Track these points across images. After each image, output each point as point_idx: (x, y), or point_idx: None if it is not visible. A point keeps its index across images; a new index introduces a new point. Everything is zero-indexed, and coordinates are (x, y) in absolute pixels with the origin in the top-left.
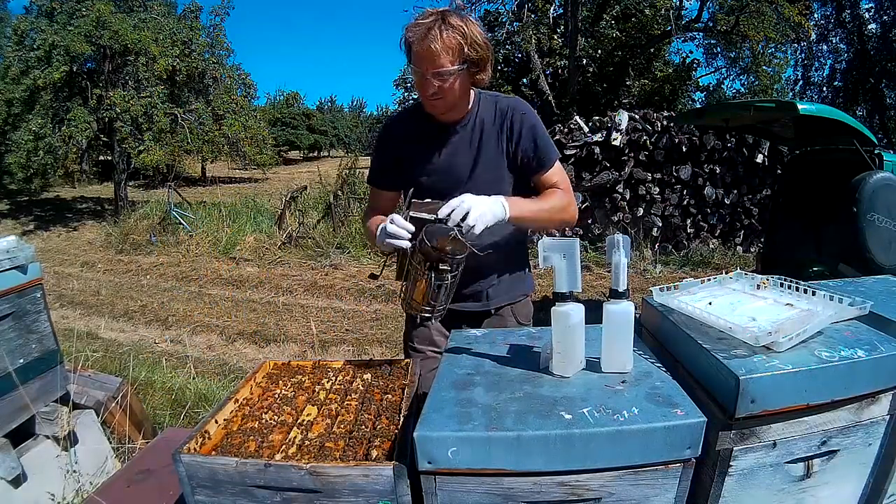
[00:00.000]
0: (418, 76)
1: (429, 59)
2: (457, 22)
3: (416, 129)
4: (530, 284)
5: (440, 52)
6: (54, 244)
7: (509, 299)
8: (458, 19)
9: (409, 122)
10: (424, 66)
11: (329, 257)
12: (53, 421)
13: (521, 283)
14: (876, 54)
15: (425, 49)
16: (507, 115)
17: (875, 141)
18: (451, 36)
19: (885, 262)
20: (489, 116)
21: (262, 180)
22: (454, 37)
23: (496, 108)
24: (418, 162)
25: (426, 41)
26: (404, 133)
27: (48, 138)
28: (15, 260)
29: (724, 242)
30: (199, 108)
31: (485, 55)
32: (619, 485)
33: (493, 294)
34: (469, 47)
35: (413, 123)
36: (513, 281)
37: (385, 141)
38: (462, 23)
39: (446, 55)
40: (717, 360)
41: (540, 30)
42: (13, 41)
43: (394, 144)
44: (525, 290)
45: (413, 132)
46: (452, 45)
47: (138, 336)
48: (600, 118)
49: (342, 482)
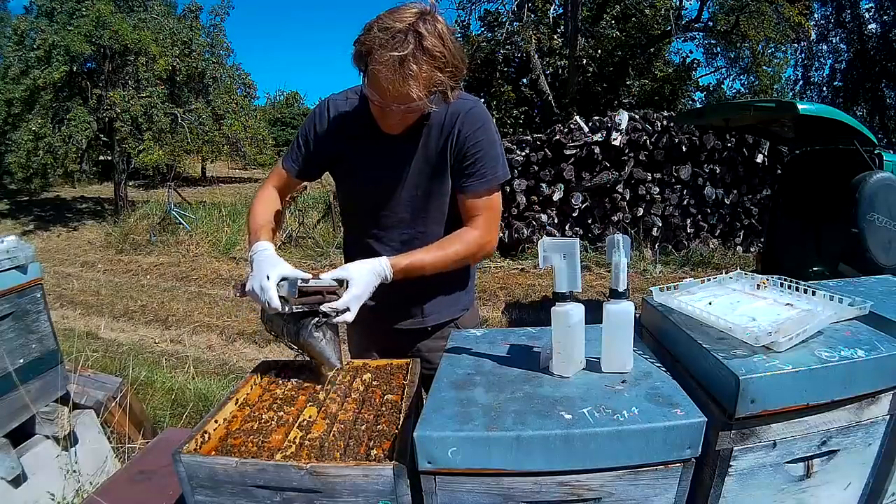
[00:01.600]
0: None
1: (399, 97)
2: (435, 43)
3: (357, 125)
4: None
5: (413, 88)
6: (54, 244)
7: (450, 315)
8: (435, 36)
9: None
10: (389, 100)
11: (329, 257)
12: (53, 421)
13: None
14: (876, 54)
15: (397, 87)
16: (458, 118)
17: (875, 141)
18: (429, 69)
19: (885, 262)
20: (440, 118)
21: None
22: (432, 69)
23: (449, 110)
24: (354, 162)
25: (398, 76)
26: (344, 126)
27: (48, 138)
28: (15, 260)
29: (724, 242)
30: (199, 107)
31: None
32: (619, 485)
33: (428, 311)
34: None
35: (356, 117)
36: (451, 299)
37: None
38: (440, 42)
39: (418, 90)
40: (717, 360)
41: (540, 30)
42: (13, 41)
43: (329, 136)
44: (465, 305)
45: (354, 127)
46: (430, 78)
47: (138, 336)
48: (600, 118)
49: (342, 482)
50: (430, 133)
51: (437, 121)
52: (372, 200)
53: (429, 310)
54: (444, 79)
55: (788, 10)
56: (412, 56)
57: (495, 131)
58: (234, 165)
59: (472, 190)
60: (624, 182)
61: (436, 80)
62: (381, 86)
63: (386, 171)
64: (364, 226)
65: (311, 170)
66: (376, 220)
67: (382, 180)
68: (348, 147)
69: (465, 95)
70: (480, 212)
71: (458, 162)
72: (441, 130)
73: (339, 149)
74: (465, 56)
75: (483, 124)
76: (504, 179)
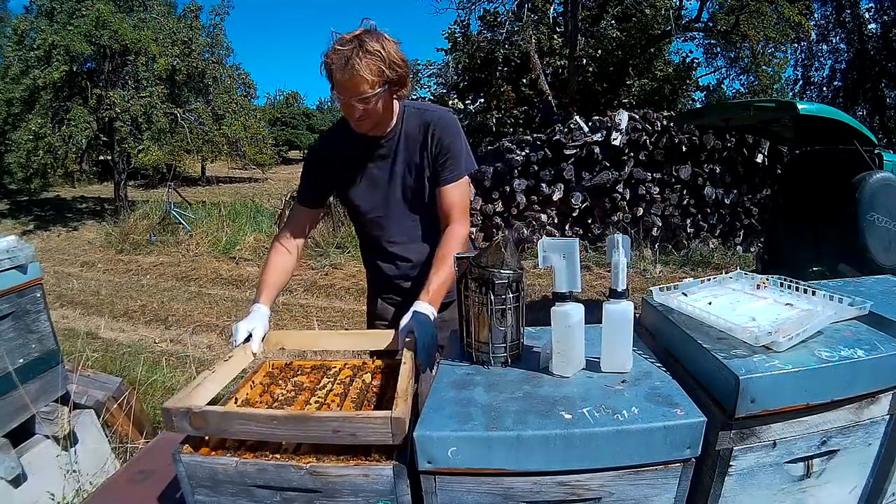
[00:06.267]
0: (343, 102)
1: (352, 87)
2: (374, 46)
3: (344, 144)
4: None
5: (362, 79)
6: (54, 244)
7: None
8: (375, 42)
9: (337, 138)
10: (348, 94)
11: (329, 257)
12: (53, 421)
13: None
14: (876, 54)
15: (347, 79)
16: (430, 127)
17: (875, 141)
18: (370, 62)
19: (885, 262)
20: (413, 129)
21: (262, 180)
22: (374, 63)
23: (421, 120)
24: (345, 174)
25: (347, 70)
26: (332, 149)
27: (48, 138)
28: (15, 260)
29: (724, 242)
30: (199, 107)
31: (403, 73)
32: (618, 485)
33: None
34: (388, 69)
35: (341, 139)
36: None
37: (313, 157)
38: (380, 46)
39: (367, 82)
40: (717, 359)
41: (540, 30)
42: (13, 41)
43: (321, 160)
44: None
45: (341, 147)
46: (373, 70)
47: (138, 336)
48: (600, 118)
49: (342, 482)
50: (407, 142)
51: (413, 131)
52: (370, 207)
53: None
54: (385, 71)
55: (788, 9)
56: (355, 54)
57: (461, 133)
58: (233, 165)
59: (446, 182)
60: (624, 182)
61: (377, 70)
62: (338, 81)
63: (375, 180)
64: (373, 232)
65: (317, 197)
66: (380, 224)
67: (375, 188)
68: (339, 169)
69: (435, 106)
70: (455, 201)
71: (434, 162)
72: (416, 138)
73: (334, 172)
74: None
75: (451, 129)
76: (471, 171)
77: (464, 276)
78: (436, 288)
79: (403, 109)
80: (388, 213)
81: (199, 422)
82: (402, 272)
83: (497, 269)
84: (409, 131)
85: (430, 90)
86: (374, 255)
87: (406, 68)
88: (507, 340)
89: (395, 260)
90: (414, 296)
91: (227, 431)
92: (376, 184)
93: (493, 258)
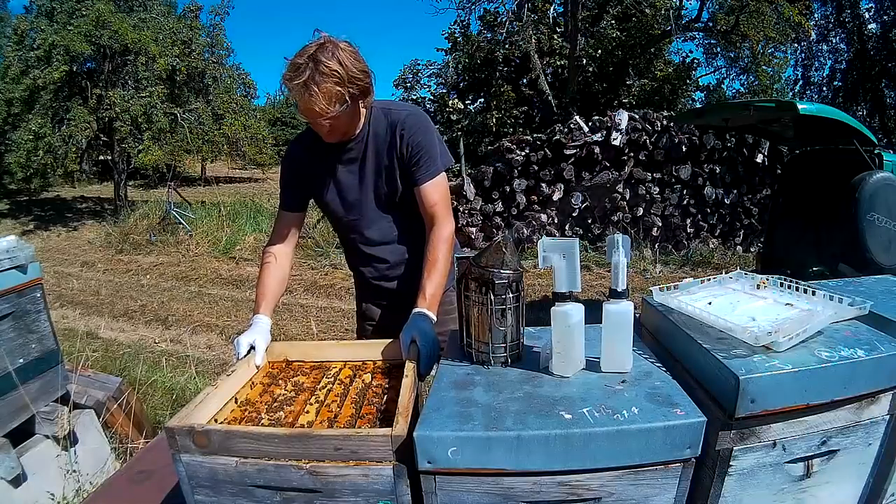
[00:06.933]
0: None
1: (312, 111)
2: (331, 66)
3: (312, 150)
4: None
5: (322, 104)
6: (54, 244)
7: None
8: (330, 61)
9: (305, 143)
10: (310, 116)
11: (329, 257)
12: (53, 421)
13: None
14: (876, 54)
15: (305, 105)
16: (397, 128)
17: (875, 141)
18: (328, 87)
19: (884, 262)
20: (381, 129)
21: (262, 180)
22: (331, 86)
23: (388, 121)
24: (317, 179)
25: (305, 97)
26: (302, 154)
27: (48, 138)
28: (15, 260)
29: (724, 242)
30: (199, 107)
31: (365, 84)
32: (618, 484)
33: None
34: (349, 86)
35: (310, 144)
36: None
37: (287, 164)
38: (335, 64)
39: (328, 104)
40: (717, 359)
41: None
42: (13, 41)
43: (295, 166)
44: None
45: (310, 152)
46: (332, 94)
47: (138, 336)
48: (600, 118)
49: (342, 482)
50: (376, 142)
51: (380, 132)
52: (344, 211)
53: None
54: (344, 91)
55: (788, 9)
56: (311, 79)
57: (432, 129)
58: (233, 165)
59: (421, 181)
60: (624, 182)
61: (337, 93)
62: (299, 106)
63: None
64: (350, 235)
65: (297, 202)
66: (356, 227)
67: (347, 192)
68: (312, 175)
69: (402, 104)
70: (436, 200)
71: (406, 162)
72: (384, 139)
73: (306, 177)
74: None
75: (420, 126)
76: (446, 167)
77: (464, 276)
78: (433, 292)
79: (370, 111)
80: (362, 215)
81: (202, 440)
82: (380, 274)
83: (497, 269)
84: (377, 132)
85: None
86: (353, 258)
87: (367, 78)
88: (507, 340)
89: (372, 262)
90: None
91: (230, 450)
92: (348, 188)
93: (493, 258)
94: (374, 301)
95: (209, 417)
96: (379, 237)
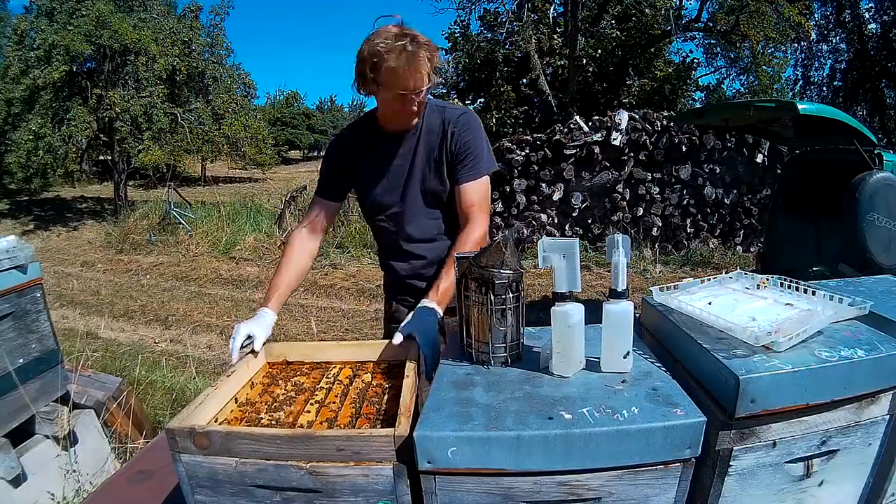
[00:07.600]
0: (398, 99)
1: (417, 82)
2: (423, 38)
3: (365, 140)
4: None
5: (425, 73)
6: (54, 244)
7: None
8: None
9: (355, 135)
10: (411, 88)
11: (329, 257)
12: (53, 421)
13: None
14: (876, 54)
15: (413, 73)
16: (449, 125)
17: (875, 141)
18: (426, 56)
19: (885, 262)
20: (435, 125)
21: (262, 180)
22: (429, 56)
23: (442, 118)
24: (363, 168)
25: (414, 65)
26: (353, 144)
27: (48, 138)
28: (15, 260)
29: (724, 242)
30: (199, 107)
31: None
32: (618, 484)
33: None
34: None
35: (360, 136)
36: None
37: (333, 151)
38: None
39: (427, 75)
40: (717, 359)
41: (540, 30)
42: (13, 41)
43: (343, 155)
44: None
45: (362, 143)
46: (428, 65)
47: (138, 336)
48: (600, 118)
49: (342, 482)
50: (428, 136)
51: (433, 127)
52: (389, 203)
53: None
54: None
55: (788, 9)
56: (416, 49)
57: (482, 132)
58: (233, 165)
59: (464, 180)
60: (624, 182)
61: (430, 67)
62: (401, 82)
63: (394, 175)
64: (388, 228)
65: (334, 192)
66: (397, 219)
67: (394, 182)
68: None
69: (454, 105)
70: (474, 201)
71: (453, 159)
72: (437, 134)
73: (354, 167)
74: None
75: (471, 126)
76: (490, 171)
77: (464, 276)
78: (445, 288)
79: (426, 106)
80: (406, 208)
81: (203, 441)
82: (414, 270)
83: (497, 269)
84: (430, 127)
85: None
86: (388, 254)
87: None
88: (507, 340)
89: (408, 258)
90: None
91: (231, 451)
92: (395, 178)
93: (493, 258)
94: (404, 301)
95: (209, 418)
96: (420, 233)
